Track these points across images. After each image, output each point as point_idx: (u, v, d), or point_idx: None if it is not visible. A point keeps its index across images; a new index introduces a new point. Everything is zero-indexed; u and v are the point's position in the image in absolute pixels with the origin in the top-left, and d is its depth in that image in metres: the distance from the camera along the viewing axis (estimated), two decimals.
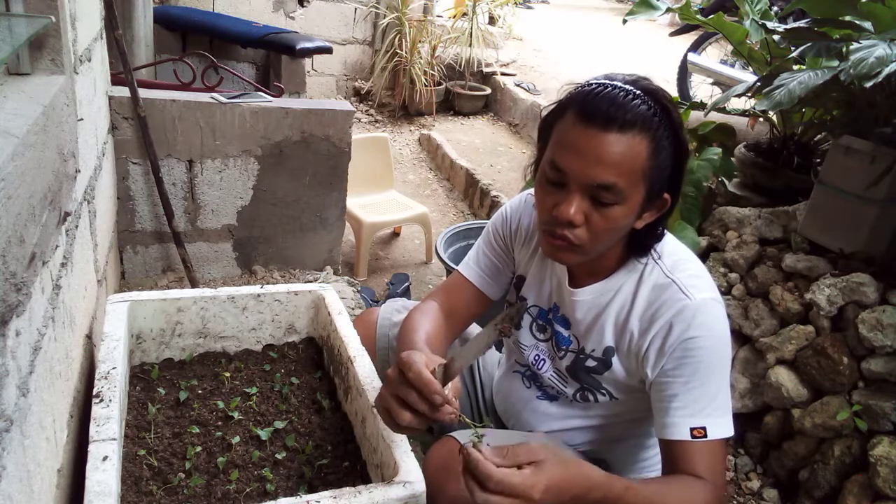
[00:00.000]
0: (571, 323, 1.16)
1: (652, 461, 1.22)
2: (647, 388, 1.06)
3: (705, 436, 0.96)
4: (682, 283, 1.02)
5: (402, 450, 0.99)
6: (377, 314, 1.50)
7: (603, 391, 1.14)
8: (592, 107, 0.93)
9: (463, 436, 1.08)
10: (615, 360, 1.10)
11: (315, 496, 0.90)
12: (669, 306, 1.01)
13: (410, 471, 0.96)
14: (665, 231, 1.08)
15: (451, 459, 1.05)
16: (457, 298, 1.28)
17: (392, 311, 1.51)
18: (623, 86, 0.95)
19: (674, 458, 0.99)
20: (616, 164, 0.92)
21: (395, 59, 4.79)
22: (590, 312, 1.12)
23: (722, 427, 0.98)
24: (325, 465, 1.11)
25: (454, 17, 5.53)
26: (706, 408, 0.97)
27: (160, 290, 1.61)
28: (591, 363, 1.13)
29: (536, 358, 1.23)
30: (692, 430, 0.97)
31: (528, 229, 1.23)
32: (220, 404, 1.21)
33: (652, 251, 1.07)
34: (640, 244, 1.06)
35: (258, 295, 1.37)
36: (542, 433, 1.22)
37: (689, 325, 0.99)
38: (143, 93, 2.09)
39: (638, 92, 0.94)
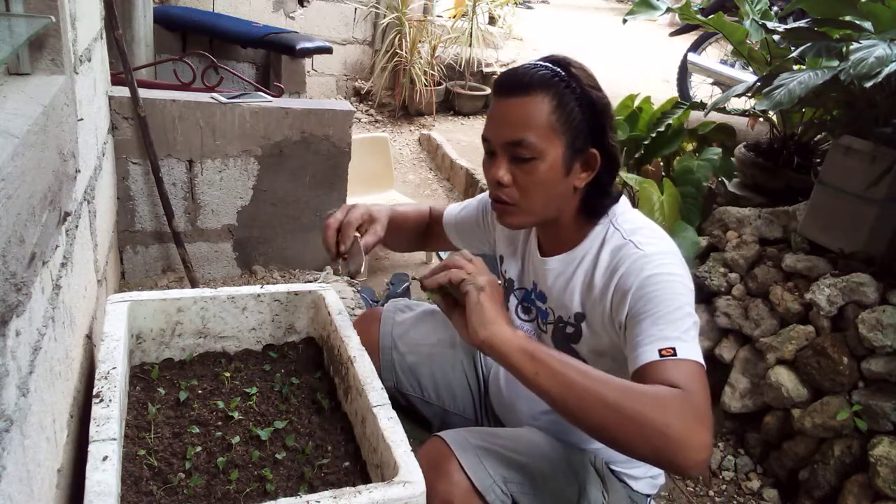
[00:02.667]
0: (547, 295, 1.21)
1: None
2: (623, 343, 1.05)
3: (674, 354, 0.94)
4: (638, 241, 1.07)
5: (402, 450, 0.99)
6: (380, 313, 1.51)
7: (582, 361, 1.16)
8: (500, 82, 1.08)
9: (450, 435, 1.10)
10: (584, 325, 1.14)
11: (315, 496, 0.90)
12: (625, 260, 1.06)
13: (410, 471, 0.95)
14: (620, 195, 1.16)
15: (440, 458, 1.06)
16: (439, 227, 1.47)
17: (395, 310, 1.52)
18: (530, 61, 1.09)
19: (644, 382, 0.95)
20: (522, 122, 1.04)
21: (395, 59, 4.79)
22: (559, 280, 1.17)
23: (692, 352, 0.95)
24: (325, 465, 1.11)
25: (454, 17, 5.53)
26: (672, 334, 0.96)
27: (160, 290, 1.61)
28: (570, 329, 1.17)
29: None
30: (660, 350, 0.94)
31: None
32: (220, 404, 1.21)
33: (613, 221, 1.12)
34: (590, 204, 1.13)
35: (258, 295, 1.37)
36: (534, 429, 1.22)
37: (643, 268, 1.03)
38: (143, 93, 2.09)
39: (542, 63, 1.07)
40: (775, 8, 3.70)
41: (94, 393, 1.02)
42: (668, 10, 2.69)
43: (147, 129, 2.09)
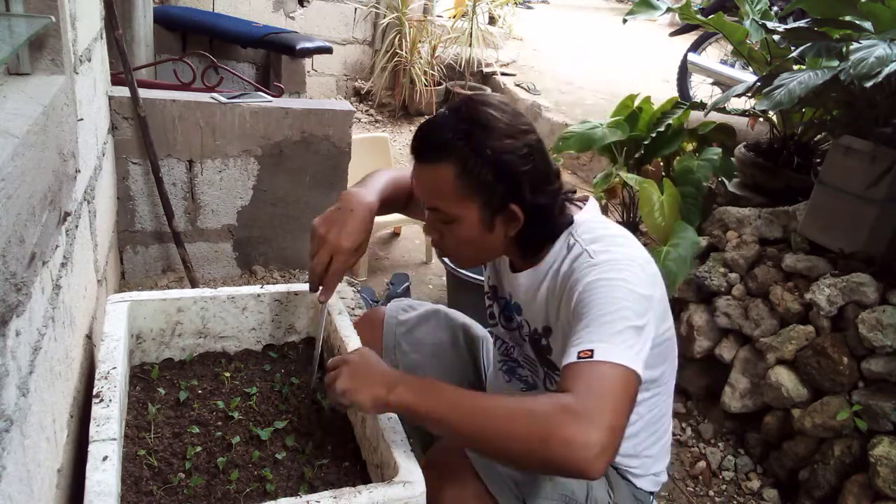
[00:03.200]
0: (522, 308, 1.22)
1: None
2: None
3: (591, 357, 0.91)
4: (593, 250, 1.06)
5: (401, 450, 0.99)
6: (383, 313, 1.51)
7: (558, 372, 1.17)
8: (412, 145, 1.09)
9: None
10: (551, 339, 1.15)
11: (315, 496, 0.91)
12: (577, 268, 1.05)
13: (410, 471, 0.96)
14: (572, 219, 1.12)
15: (451, 459, 1.05)
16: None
17: (398, 310, 1.52)
18: (437, 117, 1.07)
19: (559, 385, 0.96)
20: (431, 191, 1.08)
21: (395, 59, 4.79)
22: (528, 294, 1.18)
23: (614, 354, 0.91)
24: (325, 465, 1.11)
25: (454, 17, 5.52)
26: (597, 337, 0.94)
27: (160, 290, 1.61)
28: (543, 342, 1.18)
29: (510, 347, 1.31)
30: (579, 353, 0.93)
31: None
32: (220, 404, 1.21)
33: (573, 232, 1.11)
34: (530, 243, 1.14)
35: (258, 295, 1.37)
36: None
37: (588, 274, 1.02)
38: (143, 93, 2.09)
39: (450, 117, 1.05)
40: (775, 8, 3.70)
41: (94, 393, 1.02)
42: (668, 10, 2.69)
43: (147, 129, 2.09)
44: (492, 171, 1.03)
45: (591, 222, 1.13)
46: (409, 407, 0.96)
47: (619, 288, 0.99)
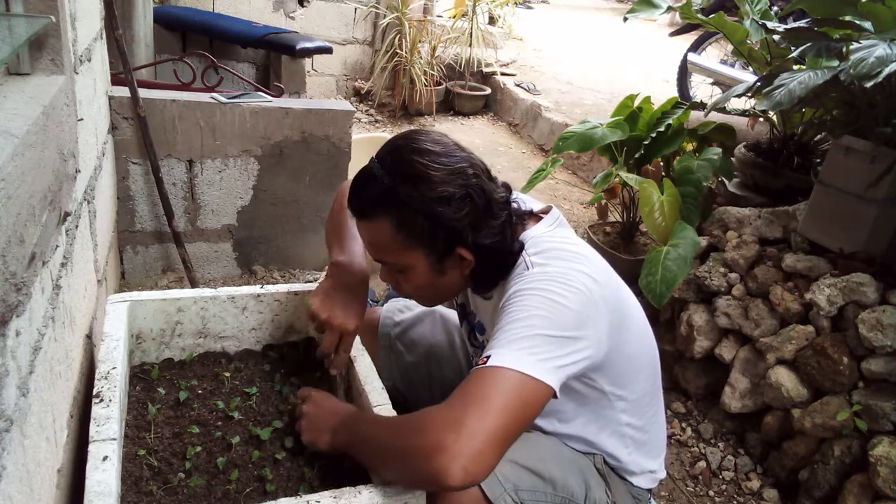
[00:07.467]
0: (486, 328, 1.23)
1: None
2: None
3: (486, 364, 0.91)
4: (532, 262, 1.05)
5: None
6: (379, 314, 1.51)
7: None
8: (348, 201, 1.08)
9: None
10: None
11: (315, 496, 0.91)
12: (513, 281, 1.05)
13: None
14: (521, 246, 1.09)
15: None
16: None
17: (394, 310, 1.52)
18: (366, 171, 1.05)
19: None
20: (374, 245, 1.08)
21: (395, 59, 4.79)
22: (487, 315, 1.20)
23: (507, 360, 0.90)
24: (324, 465, 1.11)
25: (454, 17, 5.52)
26: (498, 343, 0.94)
27: (160, 290, 1.61)
28: None
29: (477, 365, 1.30)
30: (480, 361, 0.93)
31: None
32: (220, 404, 1.21)
33: (525, 250, 1.09)
34: (486, 278, 1.12)
35: (258, 295, 1.37)
36: (538, 433, 1.22)
37: (515, 286, 1.02)
38: (143, 93, 2.09)
39: (376, 172, 1.02)
40: (775, 8, 3.69)
41: (94, 393, 1.02)
42: (669, 9, 2.69)
43: (147, 129, 2.09)
44: (427, 221, 1.00)
45: (543, 236, 1.10)
46: (344, 448, 1.04)
47: (537, 297, 0.97)
